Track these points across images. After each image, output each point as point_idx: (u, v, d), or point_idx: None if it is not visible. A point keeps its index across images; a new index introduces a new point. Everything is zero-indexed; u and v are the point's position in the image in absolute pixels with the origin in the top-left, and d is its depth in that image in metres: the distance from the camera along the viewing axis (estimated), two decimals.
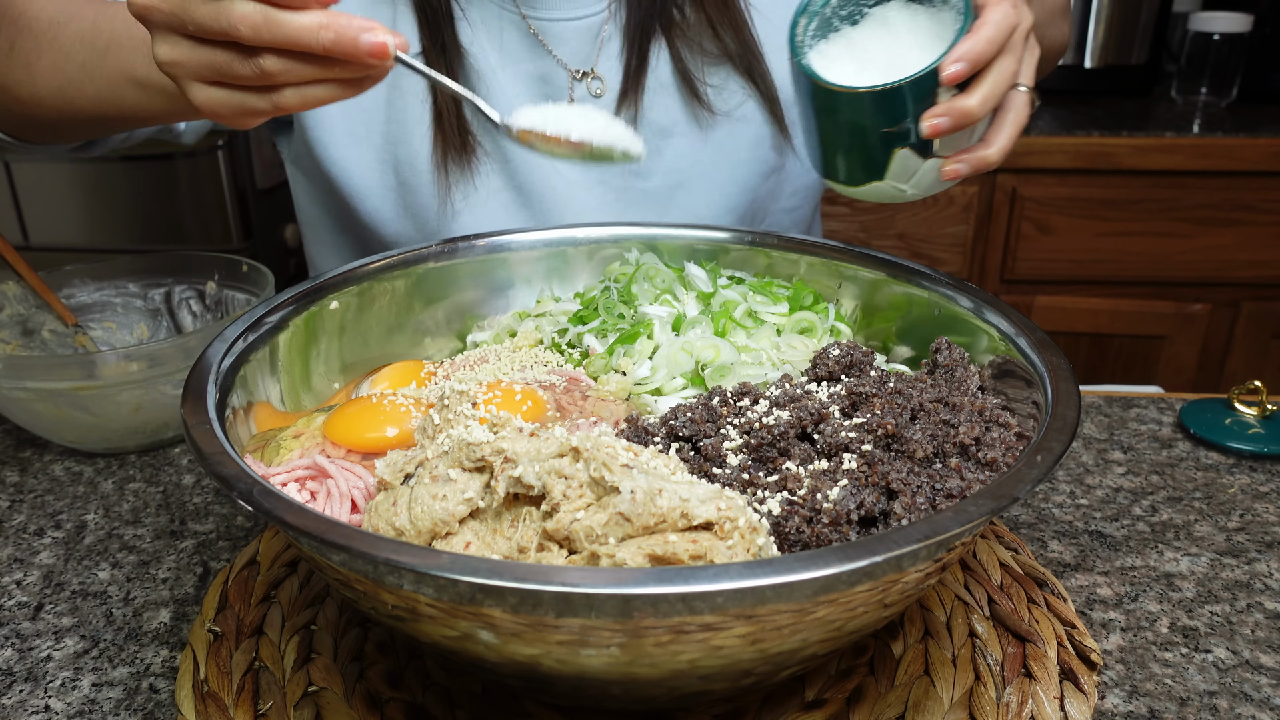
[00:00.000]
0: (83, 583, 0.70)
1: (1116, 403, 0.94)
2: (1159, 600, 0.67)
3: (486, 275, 0.82)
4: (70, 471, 0.84)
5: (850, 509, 0.52)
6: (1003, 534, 0.72)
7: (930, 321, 0.72)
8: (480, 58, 0.94)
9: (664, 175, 0.99)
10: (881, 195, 0.73)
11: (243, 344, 0.63)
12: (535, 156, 0.95)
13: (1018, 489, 0.46)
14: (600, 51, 0.97)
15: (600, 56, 0.97)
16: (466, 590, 0.41)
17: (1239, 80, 1.93)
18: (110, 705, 0.59)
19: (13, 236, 2.08)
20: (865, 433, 0.58)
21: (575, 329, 0.77)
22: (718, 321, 0.75)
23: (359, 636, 0.62)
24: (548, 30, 0.95)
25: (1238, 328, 1.83)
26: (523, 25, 0.95)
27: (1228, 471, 0.83)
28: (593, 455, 0.49)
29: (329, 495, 0.58)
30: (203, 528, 0.76)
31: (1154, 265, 1.79)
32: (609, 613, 0.41)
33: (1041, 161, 1.73)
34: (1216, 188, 1.74)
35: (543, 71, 0.96)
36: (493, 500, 0.51)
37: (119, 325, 0.98)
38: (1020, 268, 1.81)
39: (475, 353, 0.77)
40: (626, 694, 0.51)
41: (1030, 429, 0.57)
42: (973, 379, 0.64)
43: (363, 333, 0.75)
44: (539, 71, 0.96)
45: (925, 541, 0.42)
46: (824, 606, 0.43)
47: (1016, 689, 0.57)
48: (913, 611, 0.64)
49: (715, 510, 0.48)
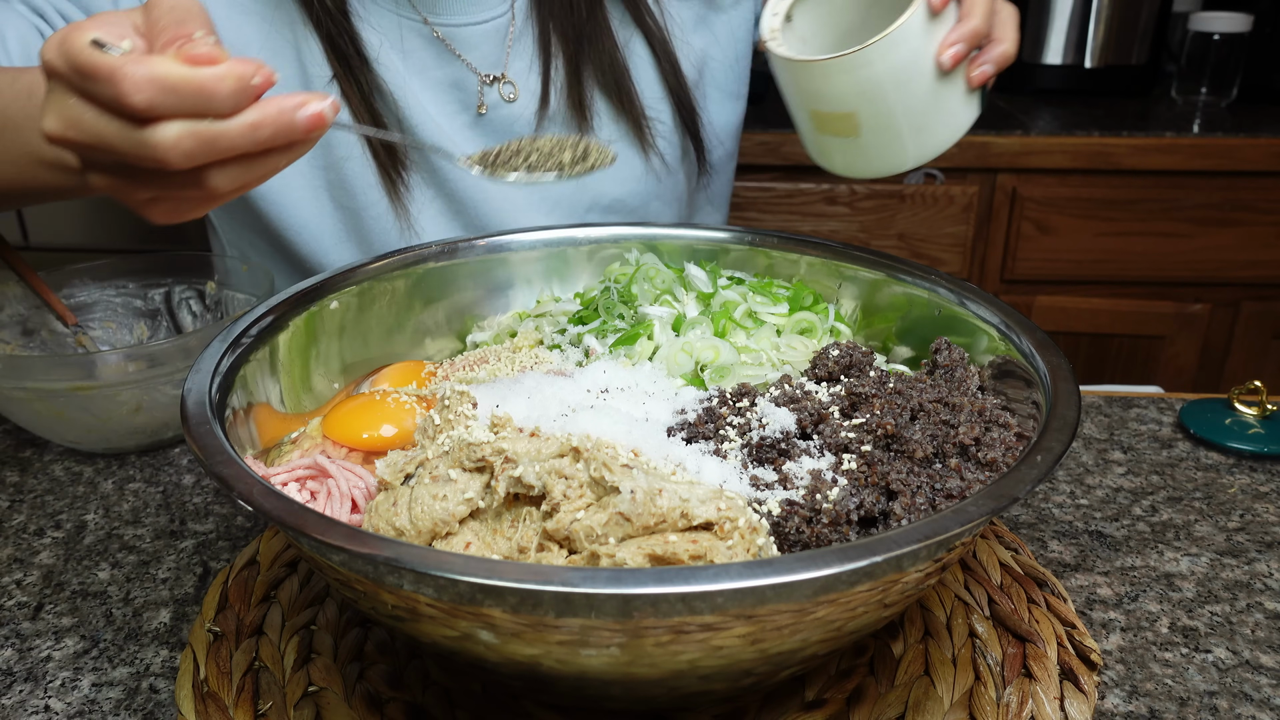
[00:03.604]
0: (83, 583, 0.70)
1: (1116, 403, 0.94)
2: (1159, 600, 0.67)
3: (486, 275, 0.82)
4: (70, 471, 0.84)
5: (850, 509, 0.52)
6: (1003, 534, 0.72)
7: (930, 321, 0.71)
8: (388, 67, 0.93)
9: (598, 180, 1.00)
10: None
11: (243, 344, 0.63)
12: None
13: (1018, 489, 0.46)
14: (510, 55, 0.96)
15: (510, 60, 0.96)
16: (466, 590, 0.41)
17: (1239, 80, 1.93)
18: (110, 705, 0.59)
19: (13, 236, 2.08)
20: (865, 433, 0.58)
21: (575, 329, 0.77)
22: (718, 322, 0.75)
23: (359, 636, 0.62)
24: (455, 36, 0.95)
25: (1238, 328, 1.83)
26: (426, 32, 0.94)
27: (1228, 471, 0.83)
28: (593, 455, 0.50)
29: (329, 495, 0.58)
30: (203, 528, 0.76)
31: (1154, 265, 1.79)
32: (609, 613, 0.41)
33: (1041, 161, 1.73)
34: (1216, 188, 1.73)
35: (453, 77, 0.95)
36: (493, 500, 0.51)
37: (119, 325, 0.98)
38: (1020, 268, 1.81)
39: (475, 353, 0.77)
40: (626, 694, 0.51)
41: (1030, 429, 0.57)
42: (973, 379, 0.64)
43: (363, 333, 0.75)
44: (449, 78, 0.95)
45: (925, 541, 0.42)
46: (824, 606, 0.43)
47: (1016, 689, 0.57)
48: (913, 611, 0.64)
49: (715, 510, 0.48)
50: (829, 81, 0.70)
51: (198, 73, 0.45)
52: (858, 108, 0.71)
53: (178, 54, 0.45)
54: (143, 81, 0.44)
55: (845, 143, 0.74)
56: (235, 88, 0.46)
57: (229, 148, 0.47)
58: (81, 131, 0.47)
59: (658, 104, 1.01)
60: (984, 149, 1.73)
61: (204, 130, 0.46)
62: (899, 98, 0.70)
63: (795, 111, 0.77)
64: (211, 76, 0.45)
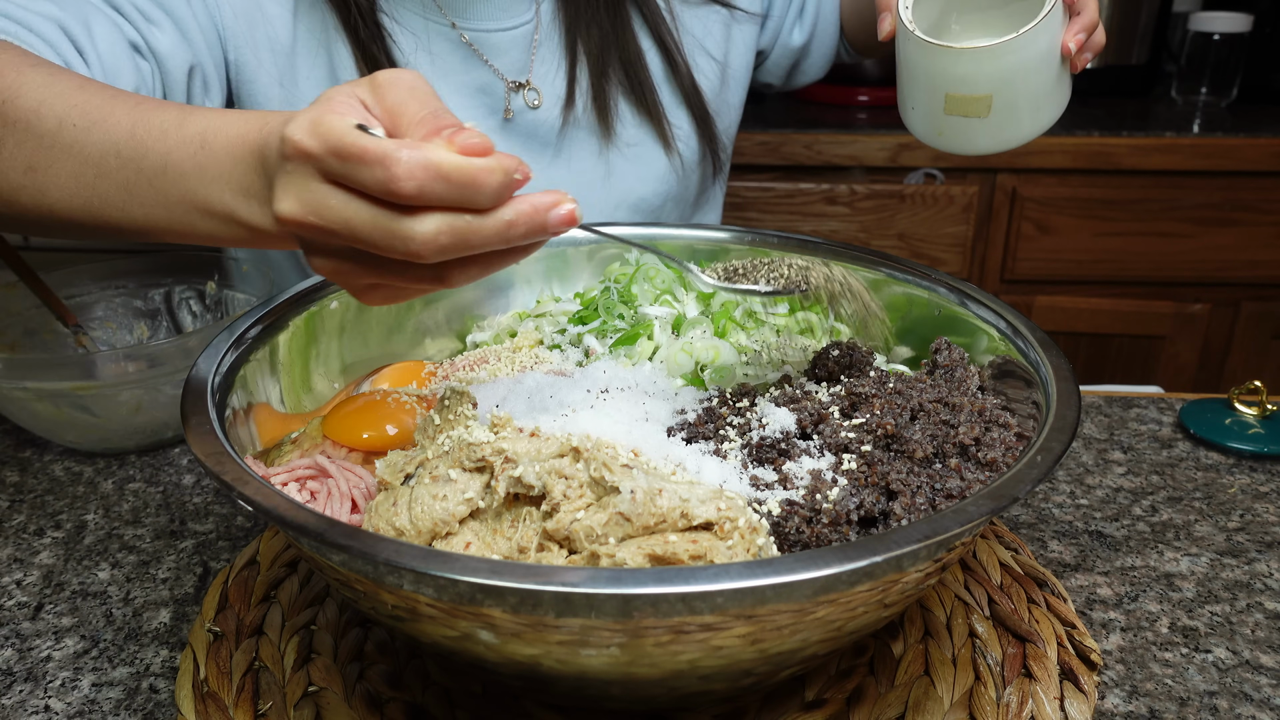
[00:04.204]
0: (83, 583, 0.70)
1: (1116, 403, 0.94)
2: (1159, 600, 0.67)
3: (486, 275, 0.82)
4: (70, 471, 0.84)
5: (850, 509, 0.52)
6: (1003, 534, 0.72)
7: (930, 321, 0.72)
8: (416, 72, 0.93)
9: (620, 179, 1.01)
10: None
11: (243, 344, 0.63)
12: None
13: (1018, 489, 0.46)
14: (535, 60, 0.97)
15: (535, 65, 0.97)
16: (466, 590, 0.41)
17: (1239, 80, 1.93)
18: (110, 705, 0.59)
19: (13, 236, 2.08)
20: (865, 433, 0.58)
21: (575, 329, 0.77)
22: (718, 322, 0.75)
23: (359, 636, 0.62)
24: (483, 41, 0.95)
25: (1238, 328, 1.83)
26: (455, 36, 0.94)
27: (1228, 471, 0.83)
28: (593, 455, 0.49)
29: (329, 495, 0.58)
30: (203, 528, 0.76)
31: (1154, 265, 1.79)
32: (609, 613, 0.41)
33: (1041, 161, 1.73)
34: (1216, 188, 1.73)
35: (480, 82, 0.96)
36: (493, 500, 0.51)
37: (119, 325, 0.98)
38: (1020, 268, 1.81)
39: (475, 353, 0.77)
40: (626, 694, 0.51)
41: (1030, 429, 0.57)
42: (972, 379, 0.64)
43: (363, 333, 0.75)
44: (476, 83, 0.96)
45: (925, 541, 0.42)
46: (824, 606, 0.43)
47: (1016, 689, 0.57)
48: (913, 611, 0.64)
49: (715, 510, 0.48)
50: (976, 66, 0.74)
51: (471, 163, 0.43)
52: (995, 90, 0.76)
53: (449, 142, 0.43)
54: (416, 168, 0.42)
55: (971, 123, 0.79)
56: (502, 182, 0.43)
57: (481, 244, 0.45)
58: (325, 217, 0.44)
59: (674, 111, 1.02)
60: None
61: (462, 225, 0.43)
62: (1033, 82, 0.76)
63: (923, 93, 0.80)
64: (484, 169, 0.43)
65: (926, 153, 1.74)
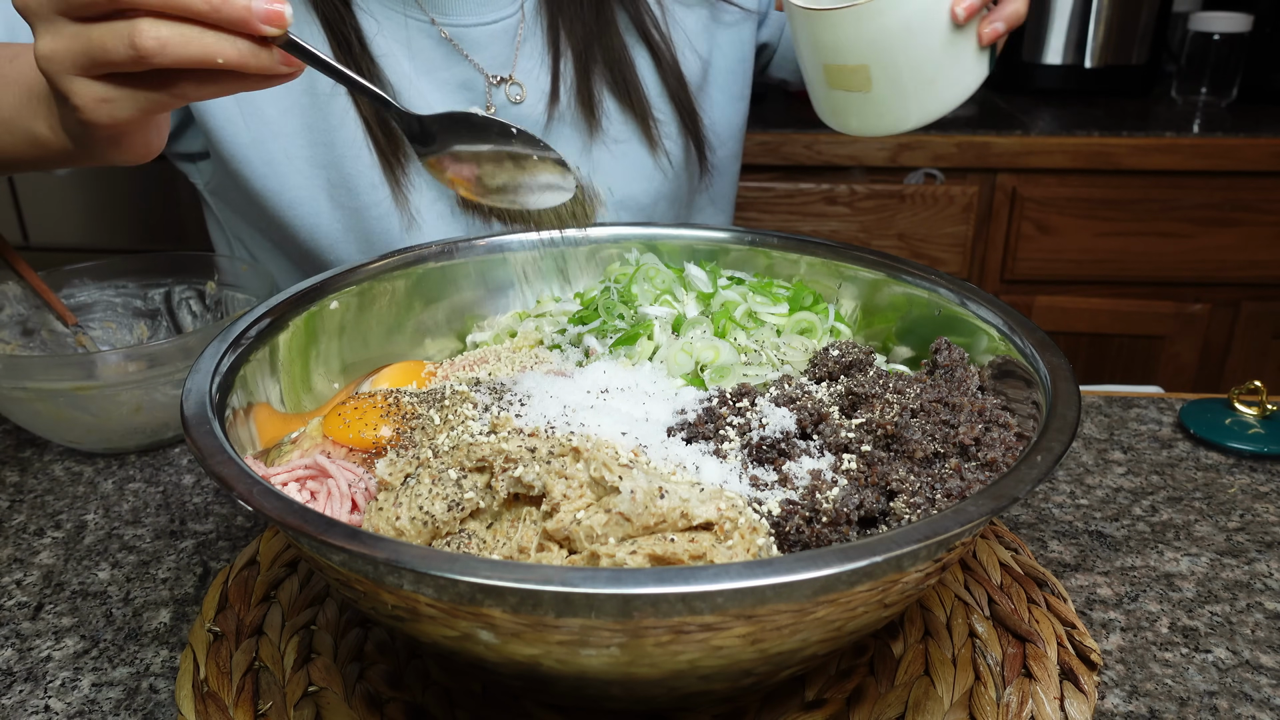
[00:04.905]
0: (83, 583, 0.70)
1: (1116, 403, 0.94)
2: (1159, 600, 0.67)
3: (486, 275, 0.82)
4: (70, 471, 0.84)
5: (850, 509, 0.52)
6: (1003, 534, 0.72)
7: (930, 321, 0.72)
8: (394, 67, 0.93)
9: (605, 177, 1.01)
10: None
11: (243, 344, 0.63)
12: None
13: (1018, 489, 0.46)
14: (518, 55, 0.96)
15: (518, 60, 0.97)
16: (466, 590, 0.41)
17: (1239, 80, 1.93)
18: (110, 705, 0.59)
19: (13, 236, 2.08)
20: (865, 433, 0.58)
21: (575, 329, 0.77)
22: (718, 322, 0.75)
23: (359, 636, 0.62)
24: (463, 36, 0.95)
25: (1238, 328, 1.83)
26: (434, 32, 0.94)
27: (1228, 471, 0.83)
28: (593, 455, 0.50)
29: (329, 495, 0.58)
30: (203, 528, 0.76)
31: (1154, 265, 1.79)
32: (609, 613, 0.41)
33: (1041, 161, 1.73)
34: (1216, 188, 1.74)
35: (461, 78, 0.96)
36: (493, 500, 0.51)
37: (119, 325, 0.98)
38: (1020, 268, 1.81)
39: (475, 353, 0.77)
40: (626, 694, 0.51)
41: (1030, 429, 0.57)
42: (972, 379, 0.64)
43: (363, 333, 0.75)
44: (457, 78, 0.95)
45: (925, 541, 0.42)
46: (824, 606, 0.43)
47: (1016, 689, 0.57)
48: (913, 611, 0.64)
49: (715, 510, 0.48)
50: (843, 32, 0.71)
51: None
52: (870, 59, 0.72)
53: None
54: None
55: (856, 98, 0.76)
56: None
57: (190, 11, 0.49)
58: (70, 46, 0.52)
59: (661, 107, 1.02)
60: (984, 149, 1.73)
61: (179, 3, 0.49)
62: (911, 50, 0.72)
63: (808, 67, 0.78)
64: None
65: (926, 153, 1.74)
